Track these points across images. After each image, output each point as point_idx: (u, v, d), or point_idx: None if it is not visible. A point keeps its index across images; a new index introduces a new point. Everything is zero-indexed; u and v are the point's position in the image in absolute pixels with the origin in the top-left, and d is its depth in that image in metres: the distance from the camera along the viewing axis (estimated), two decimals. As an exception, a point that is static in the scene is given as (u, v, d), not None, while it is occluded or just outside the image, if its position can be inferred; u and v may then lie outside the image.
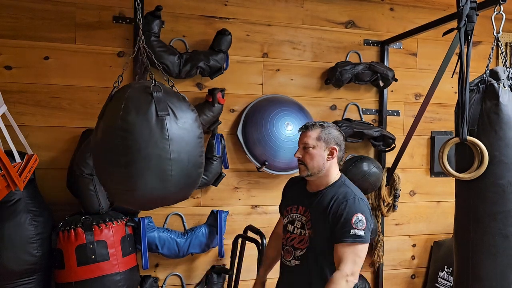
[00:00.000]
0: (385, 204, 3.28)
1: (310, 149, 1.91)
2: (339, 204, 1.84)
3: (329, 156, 1.92)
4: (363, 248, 1.79)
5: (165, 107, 1.72)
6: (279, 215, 2.19)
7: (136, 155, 1.69)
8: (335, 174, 1.97)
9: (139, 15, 1.95)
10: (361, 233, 1.77)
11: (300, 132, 1.99)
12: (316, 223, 1.89)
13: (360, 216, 1.80)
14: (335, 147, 1.93)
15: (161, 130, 1.70)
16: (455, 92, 2.06)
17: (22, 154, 2.30)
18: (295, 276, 1.93)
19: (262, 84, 3.13)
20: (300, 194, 2.02)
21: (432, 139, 3.49)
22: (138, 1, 1.96)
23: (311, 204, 1.94)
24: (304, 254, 1.90)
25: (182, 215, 2.97)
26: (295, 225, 1.96)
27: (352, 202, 1.84)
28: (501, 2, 2.07)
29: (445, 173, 2.09)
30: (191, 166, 1.80)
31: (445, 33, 2.17)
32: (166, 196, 1.80)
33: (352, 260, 1.76)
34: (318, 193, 1.94)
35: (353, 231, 1.77)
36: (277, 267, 2.15)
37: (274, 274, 3.17)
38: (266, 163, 2.94)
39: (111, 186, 1.84)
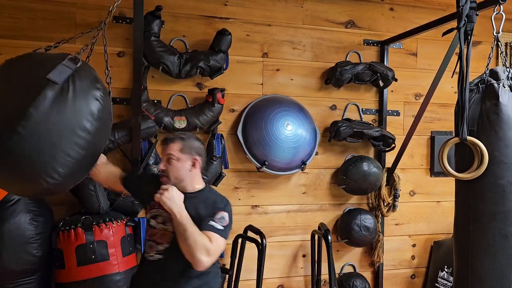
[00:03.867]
0: (385, 204, 3.28)
1: (174, 161, 1.97)
2: (209, 204, 1.96)
3: (192, 167, 2.00)
4: (221, 241, 1.87)
5: (62, 78, 1.59)
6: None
7: None
8: (199, 181, 2.05)
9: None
10: (221, 227, 1.87)
11: (164, 145, 2.03)
12: None
13: (226, 216, 1.91)
14: (197, 157, 2.01)
15: (36, 92, 1.55)
16: (455, 92, 2.06)
17: (22, 154, 2.30)
18: (159, 269, 1.96)
19: (262, 84, 3.13)
20: None
21: (432, 139, 3.49)
22: None
23: None
24: (167, 249, 1.95)
25: (182, 215, 2.97)
26: (157, 220, 2.01)
27: (220, 202, 1.99)
28: (501, 2, 2.07)
29: (445, 173, 2.09)
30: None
31: (444, 33, 2.17)
32: None
33: (217, 244, 1.84)
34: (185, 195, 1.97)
35: (213, 223, 1.86)
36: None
37: (271, 275, 3.18)
38: (266, 163, 2.94)
39: None
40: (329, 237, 2.85)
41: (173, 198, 1.86)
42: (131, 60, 2.67)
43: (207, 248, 1.80)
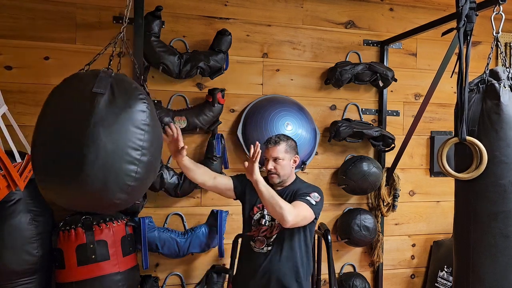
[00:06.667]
0: (385, 204, 3.29)
1: (281, 160, 2.30)
2: (304, 188, 2.34)
3: (293, 164, 2.36)
4: (310, 214, 2.21)
5: (106, 87, 1.60)
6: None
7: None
8: (294, 175, 2.42)
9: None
10: (313, 202, 2.22)
11: (269, 146, 2.33)
12: None
13: (317, 195, 2.27)
14: (297, 156, 2.38)
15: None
16: (455, 92, 2.06)
17: (22, 154, 2.30)
18: (271, 257, 2.27)
19: (262, 84, 3.13)
20: None
21: (431, 139, 3.49)
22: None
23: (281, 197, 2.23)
24: (275, 240, 2.27)
25: (182, 215, 2.97)
26: (266, 218, 2.32)
27: (313, 187, 2.37)
28: (501, 2, 2.07)
29: (444, 173, 2.09)
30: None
31: (444, 33, 2.17)
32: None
33: (302, 209, 2.17)
34: (284, 189, 2.35)
35: (308, 198, 2.22)
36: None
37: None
38: (266, 163, 2.94)
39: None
40: (329, 237, 2.84)
41: (255, 172, 2.17)
42: (131, 60, 2.67)
43: (289, 208, 2.09)
